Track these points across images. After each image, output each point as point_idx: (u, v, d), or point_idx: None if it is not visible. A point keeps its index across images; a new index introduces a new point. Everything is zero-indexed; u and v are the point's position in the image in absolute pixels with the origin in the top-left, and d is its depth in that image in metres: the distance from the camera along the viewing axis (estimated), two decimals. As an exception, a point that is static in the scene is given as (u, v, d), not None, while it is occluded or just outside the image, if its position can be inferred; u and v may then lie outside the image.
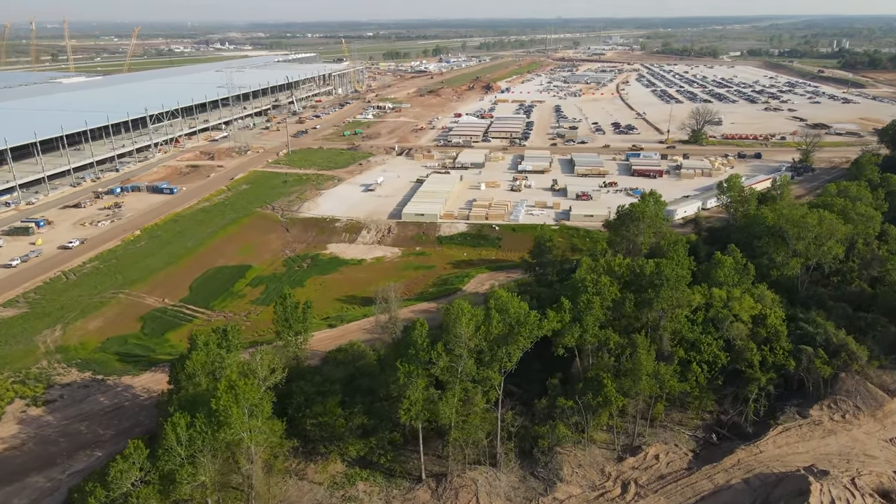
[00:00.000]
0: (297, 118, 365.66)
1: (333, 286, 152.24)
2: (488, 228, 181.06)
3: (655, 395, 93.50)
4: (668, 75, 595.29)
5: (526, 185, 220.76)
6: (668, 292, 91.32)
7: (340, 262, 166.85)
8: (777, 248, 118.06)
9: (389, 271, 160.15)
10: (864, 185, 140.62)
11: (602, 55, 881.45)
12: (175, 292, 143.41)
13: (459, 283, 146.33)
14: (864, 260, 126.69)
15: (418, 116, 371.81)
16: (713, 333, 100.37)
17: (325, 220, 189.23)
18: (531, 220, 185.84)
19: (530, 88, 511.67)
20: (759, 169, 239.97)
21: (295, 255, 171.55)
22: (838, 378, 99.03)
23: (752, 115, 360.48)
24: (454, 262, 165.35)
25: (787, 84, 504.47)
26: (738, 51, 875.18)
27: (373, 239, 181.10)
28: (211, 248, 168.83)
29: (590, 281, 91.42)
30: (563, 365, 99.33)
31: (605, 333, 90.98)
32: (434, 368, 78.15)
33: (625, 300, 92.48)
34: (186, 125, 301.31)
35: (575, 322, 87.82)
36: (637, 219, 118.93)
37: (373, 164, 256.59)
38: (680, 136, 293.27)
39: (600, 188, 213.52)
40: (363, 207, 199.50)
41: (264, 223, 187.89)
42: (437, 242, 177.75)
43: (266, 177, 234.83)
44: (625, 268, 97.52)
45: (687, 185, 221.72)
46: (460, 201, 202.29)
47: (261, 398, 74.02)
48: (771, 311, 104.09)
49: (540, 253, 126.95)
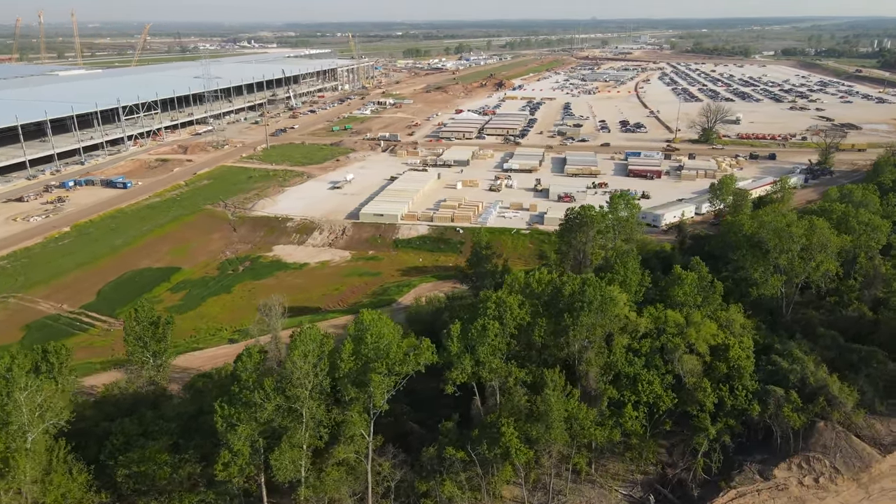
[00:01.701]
0: (292, 113, 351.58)
1: (263, 293, 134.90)
2: (451, 232, 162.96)
3: (578, 443, 74.78)
4: (692, 74, 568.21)
5: (507, 184, 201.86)
6: (589, 318, 72.24)
7: (280, 265, 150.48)
8: (754, 263, 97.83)
9: (330, 278, 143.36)
10: (873, 188, 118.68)
11: (628, 54, 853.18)
12: (79, 297, 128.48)
13: (397, 294, 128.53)
14: (867, 278, 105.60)
15: (417, 112, 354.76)
16: (660, 368, 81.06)
17: (277, 220, 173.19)
18: (503, 224, 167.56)
19: (545, 86, 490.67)
20: (771, 171, 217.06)
21: (235, 257, 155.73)
22: (815, 429, 78.79)
23: (774, 114, 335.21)
24: (405, 269, 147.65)
25: (819, 83, 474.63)
26: (772, 50, 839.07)
27: (324, 241, 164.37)
28: (140, 247, 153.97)
29: (492, 302, 72.90)
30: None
31: (508, 368, 72.24)
32: (262, 412, 60.67)
33: (534, 326, 73.62)
34: (168, 118, 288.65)
35: (465, 353, 69.50)
36: (584, 225, 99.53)
37: (351, 161, 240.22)
38: (690, 136, 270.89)
39: (587, 189, 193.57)
40: (323, 206, 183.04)
41: (210, 222, 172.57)
42: (393, 246, 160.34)
43: (232, 172, 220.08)
44: (545, 285, 78.60)
45: (686, 187, 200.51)
46: (430, 201, 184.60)
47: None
48: (735, 340, 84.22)
49: (477, 261, 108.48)
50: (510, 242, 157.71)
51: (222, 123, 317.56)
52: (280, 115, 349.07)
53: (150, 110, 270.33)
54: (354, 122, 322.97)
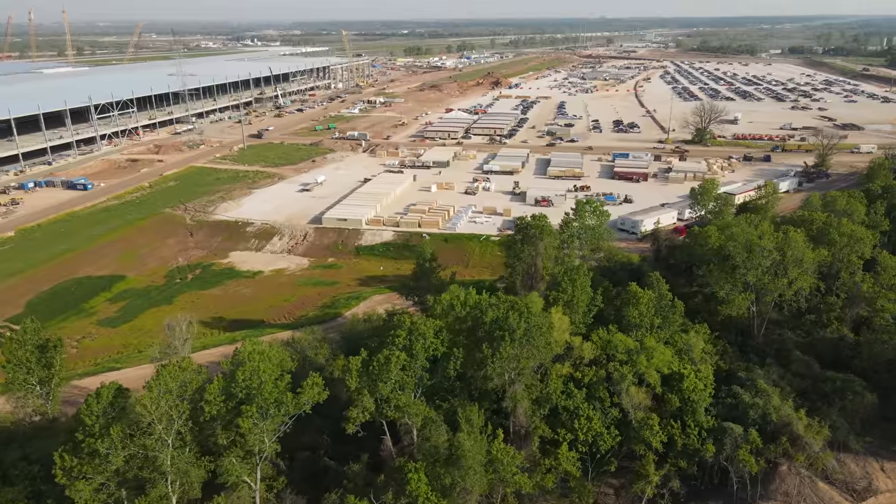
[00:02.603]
0: (278, 112, 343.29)
1: (207, 305, 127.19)
2: (418, 238, 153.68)
3: (504, 491, 65.72)
4: (695, 72, 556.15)
5: (484, 187, 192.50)
6: (511, 349, 62.98)
7: (233, 274, 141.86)
8: (721, 279, 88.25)
9: (282, 287, 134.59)
10: (860, 196, 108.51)
11: (633, 52, 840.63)
12: (5, 309, 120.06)
13: (344, 307, 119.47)
14: (849, 295, 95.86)
15: (407, 111, 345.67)
16: (604, 400, 71.85)
17: (237, 224, 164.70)
18: (473, 229, 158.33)
19: (542, 85, 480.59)
20: (765, 174, 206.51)
21: (186, 264, 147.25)
22: (776, 473, 69.35)
23: (775, 113, 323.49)
24: (364, 278, 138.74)
25: (824, 82, 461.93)
26: (779, 48, 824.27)
27: (283, 247, 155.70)
28: (85, 253, 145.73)
29: (403, 329, 63.83)
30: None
31: (417, 405, 63.09)
32: (107, 465, 51.83)
33: (449, 358, 64.51)
34: (146, 117, 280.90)
35: (367, 388, 60.52)
36: (533, 237, 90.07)
37: (328, 161, 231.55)
38: (684, 136, 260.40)
39: (567, 193, 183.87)
40: (289, 210, 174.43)
41: (166, 226, 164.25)
42: (355, 253, 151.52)
43: (201, 173, 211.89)
44: (470, 308, 69.43)
45: (673, 190, 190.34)
46: (401, 204, 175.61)
47: None
48: (692, 369, 74.86)
49: (421, 274, 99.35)
50: (478, 250, 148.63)
51: (205, 122, 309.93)
52: (266, 114, 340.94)
53: (124, 108, 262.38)
54: (340, 121, 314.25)
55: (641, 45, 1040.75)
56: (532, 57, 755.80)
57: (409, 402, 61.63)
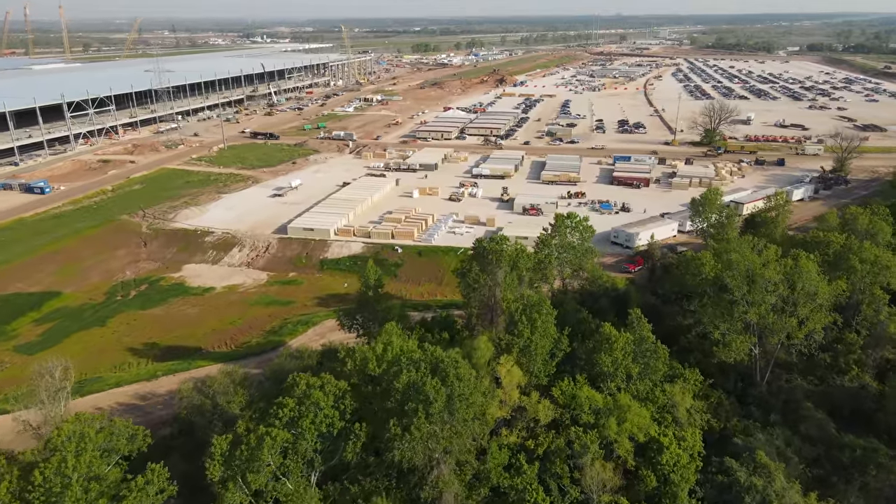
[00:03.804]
0: (269, 110, 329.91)
1: (144, 327, 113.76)
2: (389, 251, 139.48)
3: None
4: (708, 70, 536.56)
5: (471, 193, 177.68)
6: (426, 427, 48.33)
7: (181, 290, 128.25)
8: (716, 316, 73.09)
9: (232, 307, 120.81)
10: (884, 212, 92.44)
11: (645, 50, 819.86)
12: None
13: (290, 334, 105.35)
14: (873, 333, 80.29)
15: (403, 110, 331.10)
16: (563, 476, 57.24)
17: (196, 234, 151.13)
18: (452, 241, 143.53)
19: (549, 83, 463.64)
20: (778, 180, 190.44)
21: (133, 278, 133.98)
22: (778, 580, 54.30)
23: (791, 113, 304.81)
24: (324, 297, 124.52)
25: (844, 80, 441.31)
26: (797, 46, 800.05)
27: (243, 259, 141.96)
28: (19, 267, 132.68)
29: (292, 398, 49.42)
30: None
31: (303, 497, 48.55)
32: None
33: (349, 435, 49.95)
34: (127, 115, 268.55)
35: (234, 479, 46.23)
36: (491, 265, 75.06)
37: (310, 163, 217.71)
38: (692, 137, 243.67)
39: (560, 200, 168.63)
40: (255, 217, 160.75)
41: (119, 235, 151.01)
42: (319, 267, 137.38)
43: (172, 175, 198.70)
44: (387, 365, 54.82)
45: (677, 197, 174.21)
46: (377, 212, 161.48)
47: None
48: (674, 436, 60.03)
49: (363, 304, 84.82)
50: (454, 265, 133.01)
51: (191, 121, 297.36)
52: (256, 112, 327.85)
53: (102, 106, 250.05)
54: (333, 120, 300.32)
55: (655, 42, 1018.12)
56: (542, 54, 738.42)
57: (294, 493, 47.19)
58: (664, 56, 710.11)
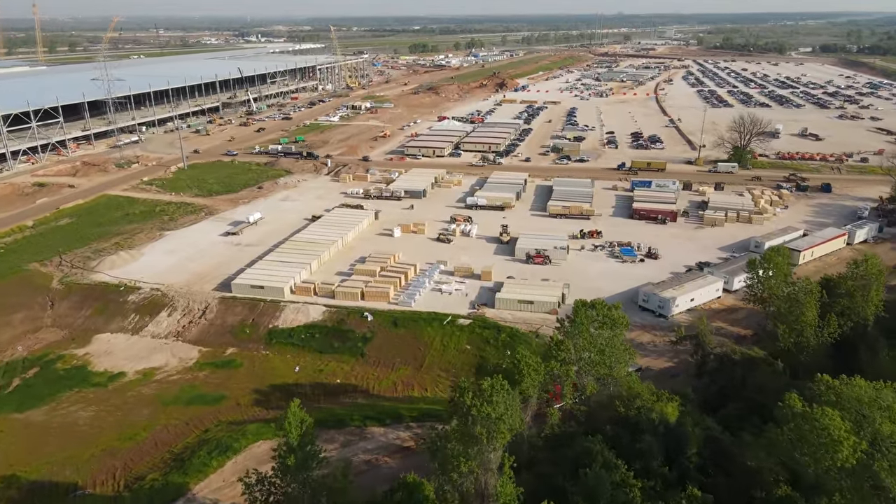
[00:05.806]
0: (245, 120, 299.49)
1: (11, 442, 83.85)
2: (356, 318, 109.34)
3: None
4: (721, 73, 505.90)
5: (464, 230, 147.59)
6: None
7: (80, 377, 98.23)
8: None
9: (140, 406, 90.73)
10: None
11: (651, 50, 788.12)
12: None
13: (202, 469, 74.66)
14: None
15: (394, 119, 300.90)
16: None
17: (118, 290, 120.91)
18: (437, 304, 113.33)
19: (552, 87, 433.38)
20: (828, 211, 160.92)
21: (24, 356, 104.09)
22: None
23: (821, 124, 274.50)
24: (265, 391, 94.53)
25: (869, 85, 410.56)
26: (809, 47, 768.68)
27: (172, 327, 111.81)
28: None
29: None
30: None
31: None
32: None
33: None
34: (79, 127, 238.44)
35: None
36: (480, 445, 44.79)
37: (278, 188, 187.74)
38: (717, 154, 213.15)
39: (571, 240, 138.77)
40: (197, 265, 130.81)
41: (21, 292, 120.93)
42: (266, 340, 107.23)
43: (111, 205, 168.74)
44: None
45: (711, 236, 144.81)
46: (348, 258, 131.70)
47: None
48: None
49: (285, 470, 54.63)
50: (439, 340, 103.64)
51: (157, 132, 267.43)
52: (232, 121, 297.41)
53: (47, 118, 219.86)
54: (314, 131, 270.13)
55: (660, 42, 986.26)
56: (544, 55, 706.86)
57: None
58: (671, 57, 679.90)
